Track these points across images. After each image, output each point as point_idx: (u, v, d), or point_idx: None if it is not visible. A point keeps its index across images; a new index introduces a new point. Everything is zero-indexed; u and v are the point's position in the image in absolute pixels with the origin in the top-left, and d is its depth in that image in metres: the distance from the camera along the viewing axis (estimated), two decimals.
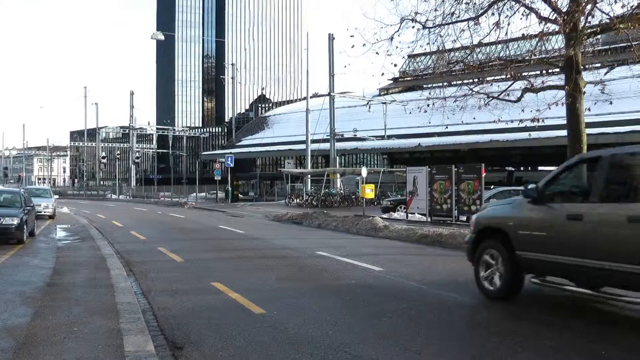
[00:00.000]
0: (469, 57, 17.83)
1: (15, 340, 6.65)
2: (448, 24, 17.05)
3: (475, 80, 19.12)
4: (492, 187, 29.00)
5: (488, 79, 18.93)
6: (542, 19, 16.03)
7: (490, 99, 18.87)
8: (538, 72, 21.50)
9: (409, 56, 62.98)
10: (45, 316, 7.78)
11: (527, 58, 17.54)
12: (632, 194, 7.32)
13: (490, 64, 18.13)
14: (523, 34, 17.07)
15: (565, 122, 17.41)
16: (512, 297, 9.04)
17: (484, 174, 23.01)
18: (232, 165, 50.41)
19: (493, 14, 16.44)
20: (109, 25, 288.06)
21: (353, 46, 17.41)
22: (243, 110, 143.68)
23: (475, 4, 16.61)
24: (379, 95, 65.84)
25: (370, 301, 8.99)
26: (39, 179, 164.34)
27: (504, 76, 18.66)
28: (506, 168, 55.76)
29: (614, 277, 7.39)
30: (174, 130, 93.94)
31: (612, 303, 8.52)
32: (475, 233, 9.75)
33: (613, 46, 22.75)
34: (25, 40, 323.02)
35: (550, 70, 19.30)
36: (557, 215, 8.15)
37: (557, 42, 20.76)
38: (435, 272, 11.83)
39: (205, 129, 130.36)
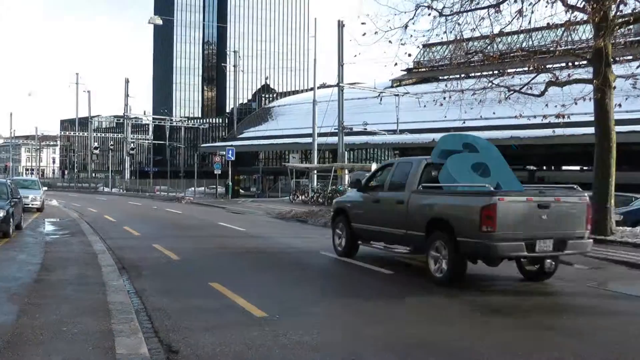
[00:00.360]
0: (488, 47, 17.69)
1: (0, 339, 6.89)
2: (467, 11, 16.88)
3: (495, 72, 18.90)
4: None
5: (509, 71, 18.79)
6: (569, 7, 15.86)
7: (512, 92, 18.68)
8: (564, 65, 21.36)
9: (424, 45, 62.51)
10: (32, 314, 7.76)
11: (551, 49, 17.30)
12: (401, 186, 12.37)
13: (511, 54, 17.96)
14: (548, 23, 16.85)
15: (592, 118, 17.21)
16: (352, 255, 13.94)
17: None
18: (233, 158, 50.29)
19: (515, 1, 16.30)
20: (103, 9, 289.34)
21: (364, 34, 17.43)
22: (245, 101, 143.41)
23: None
24: (392, 86, 65.48)
25: (380, 306, 8.98)
26: (27, 169, 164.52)
27: (526, 68, 18.45)
28: (527, 167, 55.36)
29: (393, 237, 12.46)
30: (172, 120, 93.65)
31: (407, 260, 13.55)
32: (333, 212, 15.41)
33: None
34: (15, 24, 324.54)
35: (577, 63, 19.16)
36: (369, 199, 13.47)
37: (585, 33, 20.59)
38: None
39: (204, 120, 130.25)
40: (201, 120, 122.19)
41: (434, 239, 11.06)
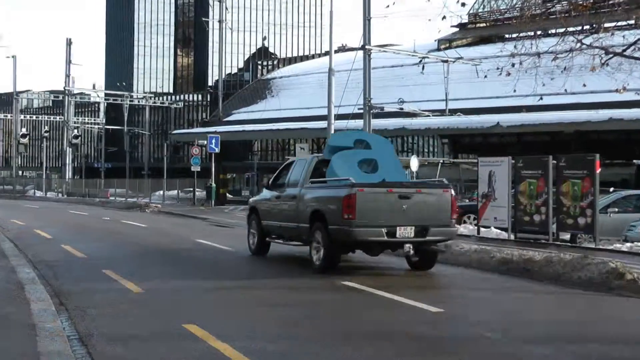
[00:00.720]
0: None
1: None
2: None
3: (587, 27, 18.78)
4: (611, 189, 28.38)
5: (606, 25, 18.47)
6: None
7: (610, 56, 18.40)
8: None
9: None
10: None
11: None
12: (297, 183, 17.57)
13: (610, 2, 17.89)
14: None
15: None
16: (264, 253, 19.33)
17: (598, 170, 22.38)
18: (217, 150, 50.11)
19: None
20: None
21: None
22: (235, 70, 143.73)
23: None
24: (438, 49, 64.37)
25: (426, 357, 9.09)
26: None
27: (632, 22, 18.21)
28: (635, 161, 54.36)
29: (290, 231, 17.73)
30: (132, 97, 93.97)
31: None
32: (248, 211, 20.96)
33: None
34: None
35: None
36: (273, 197, 19.00)
37: None
38: (528, 320, 11.67)
39: (178, 97, 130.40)
40: (173, 97, 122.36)
41: (314, 229, 16.14)
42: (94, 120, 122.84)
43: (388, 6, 38.49)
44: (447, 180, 18.79)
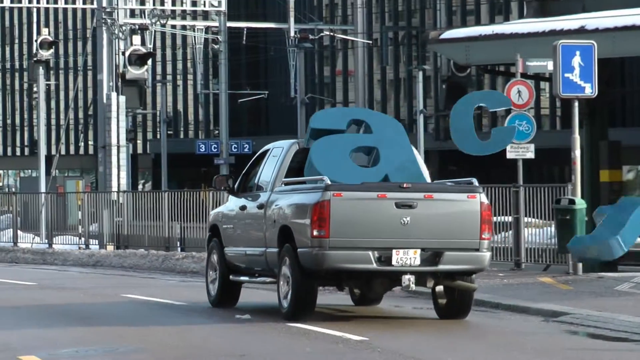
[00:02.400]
0: None
1: None
2: None
3: None
4: None
5: None
6: None
7: None
8: None
9: None
10: None
11: None
12: (267, 183, 26.67)
13: None
14: None
15: None
16: (231, 304, 26.46)
17: None
18: (592, 92, 33.02)
19: None
20: None
21: None
22: None
23: None
24: None
25: None
26: None
27: None
28: None
29: (256, 262, 25.74)
30: None
31: None
32: (208, 232, 28.90)
33: None
34: None
35: None
36: (238, 207, 27.76)
37: None
38: None
39: None
40: None
41: (282, 255, 20.70)
42: None
43: None
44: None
